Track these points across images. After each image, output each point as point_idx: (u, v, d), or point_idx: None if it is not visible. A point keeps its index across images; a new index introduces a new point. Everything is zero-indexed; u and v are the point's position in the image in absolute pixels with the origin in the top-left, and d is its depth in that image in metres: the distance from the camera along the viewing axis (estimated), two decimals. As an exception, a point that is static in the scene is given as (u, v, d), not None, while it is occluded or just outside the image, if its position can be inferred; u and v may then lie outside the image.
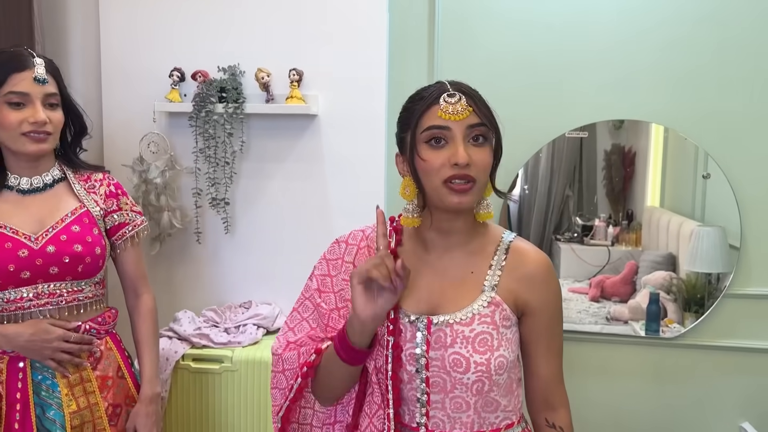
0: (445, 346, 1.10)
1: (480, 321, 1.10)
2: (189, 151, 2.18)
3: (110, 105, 2.27)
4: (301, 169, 2.20)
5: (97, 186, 1.60)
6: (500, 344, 1.10)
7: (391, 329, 1.12)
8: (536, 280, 1.14)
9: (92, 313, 1.55)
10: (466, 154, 1.05)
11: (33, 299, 1.45)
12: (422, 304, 1.14)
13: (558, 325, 1.17)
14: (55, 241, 1.47)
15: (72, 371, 1.48)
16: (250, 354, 2.01)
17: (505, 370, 1.11)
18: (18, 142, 1.45)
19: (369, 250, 1.20)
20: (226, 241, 2.24)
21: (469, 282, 1.14)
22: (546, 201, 2.21)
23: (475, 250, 1.15)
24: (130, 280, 1.65)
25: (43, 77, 1.44)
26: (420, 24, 2.16)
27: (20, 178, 1.51)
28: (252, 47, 2.16)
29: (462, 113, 1.06)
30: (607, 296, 2.18)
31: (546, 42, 2.09)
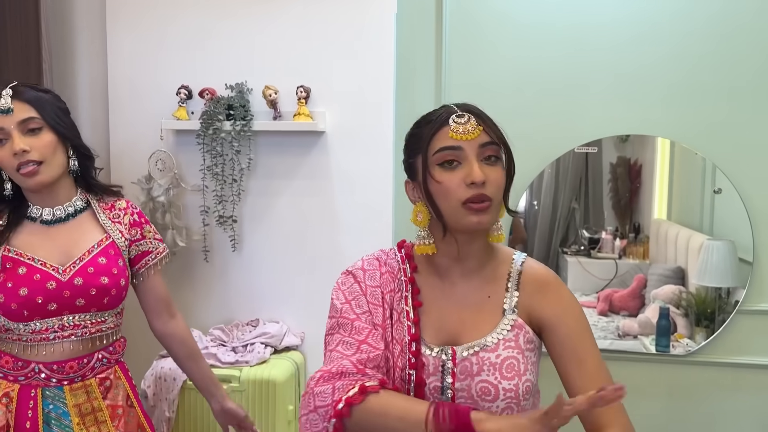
0: (472, 375, 1.06)
1: (505, 346, 1.07)
2: (196, 169, 2.17)
3: (117, 123, 2.27)
4: (309, 186, 2.20)
5: (121, 215, 1.57)
6: (526, 368, 1.07)
7: (413, 362, 1.08)
8: (545, 291, 1.11)
9: (107, 343, 1.52)
10: (484, 173, 1.04)
11: (58, 330, 1.44)
12: (442, 334, 1.10)
13: (585, 337, 1.09)
14: (83, 273, 1.46)
15: (83, 400, 1.47)
16: (258, 373, 1.99)
17: (530, 394, 1.08)
18: (17, 178, 1.44)
19: (390, 275, 1.15)
20: (233, 259, 2.23)
21: (487, 307, 1.11)
22: (551, 214, 2.20)
23: (489, 275, 1.13)
24: (162, 304, 1.62)
25: (5, 107, 1.40)
26: (427, 40, 2.16)
27: (42, 209, 1.48)
28: (259, 64, 2.16)
29: (473, 132, 1.05)
30: (616, 310, 2.17)
31: (553, 59, 2.09)
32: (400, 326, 1.11)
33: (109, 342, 1.53)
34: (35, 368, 1.43)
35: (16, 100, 1.41)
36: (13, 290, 1.40)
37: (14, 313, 1.41)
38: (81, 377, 1.47)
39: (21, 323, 1.42)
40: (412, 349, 1.08)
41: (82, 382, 1.47)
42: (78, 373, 1.46)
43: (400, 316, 1.12)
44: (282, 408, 1.99)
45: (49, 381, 1.44)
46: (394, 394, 1.01)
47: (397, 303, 1.13)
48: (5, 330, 1.44)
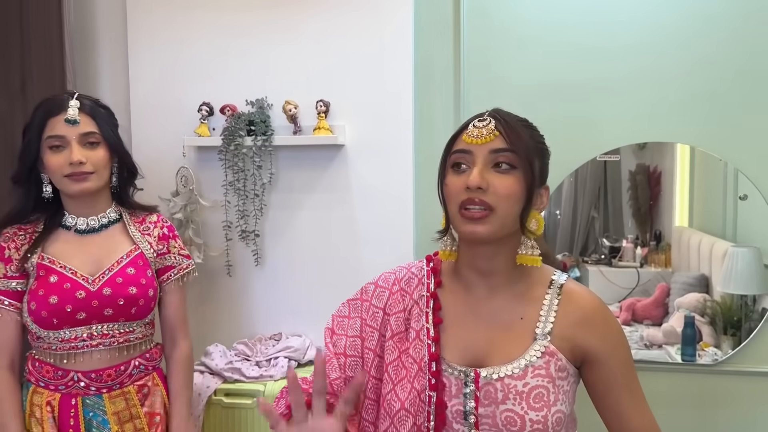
0: (497, 402, 1.00)
1: (534, 374, 1.00)
2: (219, 185, 2.19)
3: (140, 140, 2.29)
4: (329, 199, 2.21)
5: (151, 228, 1.62)
6: (557, 398, 1.00)
7: (433, 383, 1.02)
8: (592, 324, 1.04)
9: (141, 350, 1.57)
10: (483, 178, 0.98)
11: (86, 339, 1.48)
12: (468, 354, 1.04)
13: (632, 370, 1.06)
14: (111, 283, 1.49)
15: (122, 407, 1.50)
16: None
17: (562, 426, 1.01)
18: (62, 183, 1.49)
19: (401, 295, 1.10)
20: (256, 273, 2.24)
21: (519, 329, 1.04)
22: (571, 223, 2.19)
23: (523, 293, 1.06)
24: (170, 326, 1.65)
25: (73, 118, 1.47)
26: (445, 52, 2.17)
27: (77, 219, 1.53)
28: (279, 80, 2.18)
29: (486, 137, 1.00)
30: (639, 320, 2.15)
31: (572, 68, 2.09)
32: (419, 344, 1.05)
33: (143, 350, 1.56)
34: (74, 377, 1.47)
35: (81, 112, 1.49)
36: (44, 298, 1.45)
37: (45, 321, 1.45)
38: (119, 384, 1.51)
39: (51, 331, 1.46)
40: (432, 370, 1.03)
41: (121, 390, 1.51)
42: (116, 381, 1.50)
43: (419, 334, 1.06)
44: (307, 422, 1.99)
45: (88, 389, 1.48)
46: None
47: (415, 320, 1.08)
48: (37, 338, 1.49)
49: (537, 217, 1.04)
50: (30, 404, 1.49)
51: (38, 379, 1.50)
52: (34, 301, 1.45)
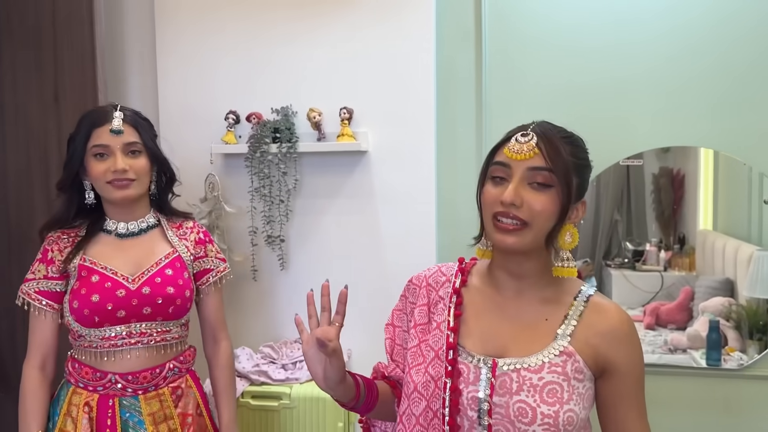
0: (511, 392, 1.04)
1: (550, 370, 1.04)
2: (245, 191, 2.24)
3: (169, 148, 2.33)
4: (353, 204, 2.24)
5: (188, 233, 1.68)
6: (570, 398, 1.03)
7: (449, 371, 1.07)
8: (620, 337, 1.07)
9: (176, 352, 1.61)
10: (519, 195, 1.02)
11: (126, 337, 1.53)
12: (489, 345, 1.09)
13: (642, 387, 1.10)
14: (150, 282, 1.55)
15: (156, 408, 1.55)
16: (308, 391, 2.03)
17: (574, 427, 1.03)
18: (105, 190, 1.55)
19: (427, 290, 1.19)
20: (281, 278, 2.29)
21: (542, 328, 1.08)
22: (593, 227, 2.19)
23: (550, 298, 1.11)
24: (210, 326, 1.72)
25: (118, 128, 1.54)
26: (467, 58, 2.20)
27: (117, 223, 1.60)
28: (303, 88, 2.23)
29: (526, 153, 1.04)
30: (663, 324, 2.14)
31: (594, 72, 2.10)
32: (439, 334, 1.12)
33: (177, 352, 1.61)
34: (112, 378, 1.52)
35: (125, 123, 1.56)
36: (86, 297, 1.50)
37: (87, 319, 1.50)
38: (154, 386, 1.56)
39: (92, 329, 1.51)
40: (448, 358, 1.08)
41: (156, 392, 1.56)
42: (151, 383, 1.55)
43: (439, 325, 1.13)
44: (332, 425, 2.02)
45: (125, 391, 1.53)
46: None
47: (439, 314, 1.14)
48: (78, 336, 1.54)
49: (572, 230, 1.07)
50: (68, 404, 1.54)
51: (78, 380, 1.55)
52: (77, 299, 1.51)
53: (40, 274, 1.55)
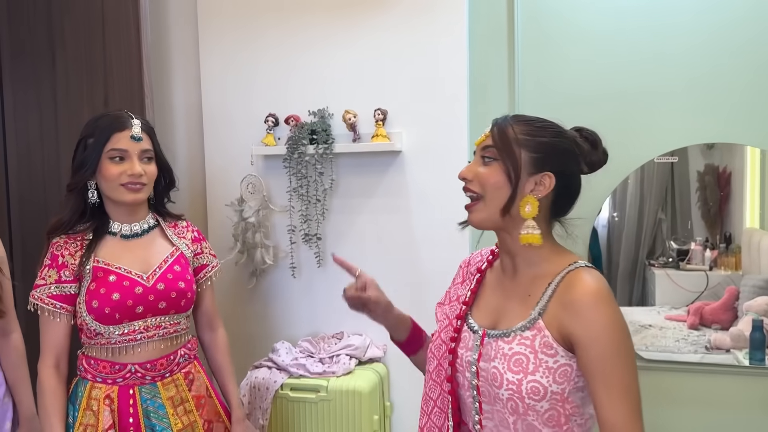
0: (490, 359, 1.15)
1: (519, 342, 1.12)
2: (283, 191, 2.31)
3: (211, 150, 2.45)
4: (387, 203, 2.28)
5: (184, 232, 1.77)
6: (536, 370, 1.09)
7: (453, 337, 1.23)
8: (579, 308, 1.07)
9: (184, 341, 1.71)
10: (471, 170, 1.18)
11: (143, 331, 1.61)
12: (487, 318, 1.21)
13: (617, 363, 1.06)
14: (164, 279, 1.64)
15: (174, 393, 1.64)
16: (345, 384, 2.08)
17: (542, 397, 1.08)
18: (117, 191, 1.61)
19: (465, 270, 1.35)
20: (318, 275, 2.34)
21: (525, 304, 1.16)
22: (637, 226, 2.16)
23: (540, 275, 1.16)
24: (208, 316, 1.81)
25: (138, 135, 1.62)
26: (500, 57, 2.20)
27: (121, 225, 1.67)
28: (339, 90, 2.28)
29: (482, 138, 1.20)
30: (707, 323, 2.09)
31: (630, 67, 2.08)
32: (456, 306, 1.27)
33: (185, 341, 1.71)
34: (131, 369, 1.60)
35: (142, 131, 1.64)
36: (106, 296, 1.57)
37: (107, 317, 1.57)
38: (170, 372, 1.65)
39: (111, 326, 1.58)
40: (455, 325, 1.24)
41: (171, 377, 1.65)
42: (167, 369, 1.64)
43: (459, 298, 1.28)
44: (368, 418, 2.06)
45: (144, 379, 1.61)
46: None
47: (463, 289, 1.30)
48: (95, 335, 1.60)
49: (531, 201, 1.14)
50: (87, 398, 1.60)
51: (95, 375, 1.61)
52: (96, 299, 1.57)
53: (51, 279, 1.60)
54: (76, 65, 2.33)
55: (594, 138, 1.23)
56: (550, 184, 1.15)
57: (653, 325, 2.12)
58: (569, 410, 1.10)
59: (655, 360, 2.10)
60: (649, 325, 2.12)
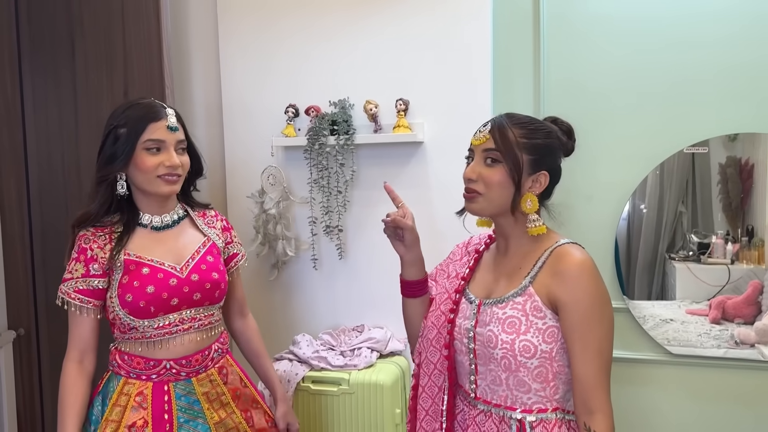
0: (485, 324, 1.31)
1: (512, 306, 1.29)
2: (304, 182, 2.30)
3: (231, 141, 2.43)
4: (409, 195, 2.23)
5: (214, 221, 1.75)
6: (528, 330, 1.26)
7: (452, 308, 1.40)
8: (566, 276, 1.25)
9: (217, 334, 1.69)
10: (475, 171, 1.31)
11: (178, 324, 1.59)
12: (482, 290, 1.38)
13: (595, 327, 1.24)
14: (197, 270, 1.61)
15: (208, 388, 1.63)
16: (366, 377, 2.07)
17: (533, 355, 1.26)
18: (153, 183, 1.58)
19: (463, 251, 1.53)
20: (340, 267, 2.34)
21: (516, 276, 1.33)
22: (657, 218, 2.14)
23: (528, 252, 1.34)
24: (239, 304, 1.81)
25: (174, 125, 1.58)
26: (525, 47, 2.17)
27: (152, 217, 1.63)
28: (360, 81, 2.26)
29: (482, 139, 1.32)
30: (729, 318, 2.07)
31: (656, 57, 2.05)
32: (455, 281, 1.45)
33: (218, 334, 1.69)
34: (166, 365, 1.58)
35: (177, 121, 1.61)
36: (140, 289, 1.54)
37: (142, 310, 1.54)
38: (204, 368, 1.63)
39: (146, 320, 1.55)
40: (454, 299, 1.41)
41: (206, 373, 1.63)
42: (201, 365, 1.62)
43: (458, 275, 1.46)
44: (390, 411, 2.06)
45: (179, 375, 1.59)
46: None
47: (461, 267, 1.48)
48: (129, 329, 1.56)
49: (531, 197, 1.30)
50: (119, 394, 1.57)
51: (129, 371, 1.58)
52: (130, 293, 1.54)
53: (78, 273, 1.56)
54: (96, 56, 2.32)
55: (569, 128, 1.40)
56: (545, 182, 1.32)
57: (674, 319, 2.10)
58: (556, 368, 1.27)
59: (678, 354, 2.09)
60: (671, 319, 2.11)
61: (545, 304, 1.27)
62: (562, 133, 1.37)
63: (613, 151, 2.12)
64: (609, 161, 2.13)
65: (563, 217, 1.48)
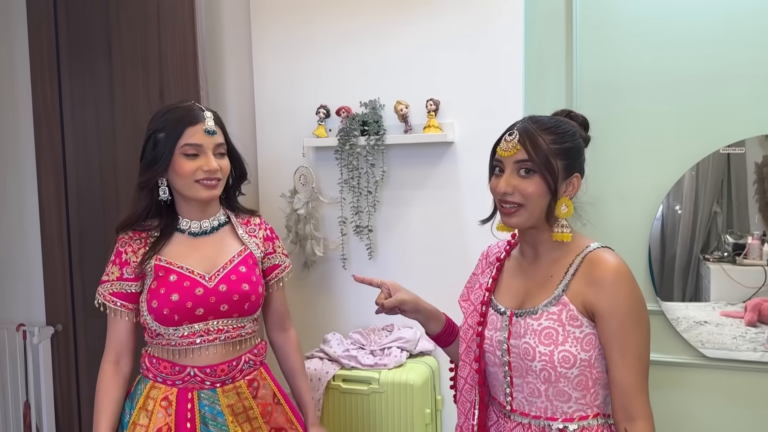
0: (520, 336, 1.28)
1: (547, 317, 1.25)
2: (335, 182, 2.31)
3: (263, 142, 2.46)
4: (438, 195, 2.27)
5: (256, 230, 1.70)
6: (566, 340, 1.23)
7: (480, 321, 1.36)
8: (603, 284, 1.23)
9: (250, 345, 1.63)
10: (509, 184, 1.26)
11: (203, 335, 1.54)
12: (513, 300, 1.34)
13: (633, 333, 1.22)
14: (226, 280, 1.56)
15: (234, 400, 1.57)
16: (396, 376, 2.08)
17: (572, 365, 1.23)
18: (192, 189, 1.55)
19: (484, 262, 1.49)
20: (369, 266, 2.35)
21: (548, 284, 1.29)
22: (692, 218, 2.11)
23: (558, 259, 1.31)
24: (279, 317, 1.75)
25: (212, 129, 1.55)
26: (557, 46, 2.16)
27: (190, 222, 1.60)
28: (390, 81, 2.27)
29: (511, 150, 1.27)
30: (766, 321, 2.04)
31: (691, 57, 2.02)
32: (480, 292, 1.40)
33: (251, 346, 1.63)
34: (191, 372, 1.54)
35: (215, 124, 1.58)
36: (166, 296, 1.52)
37: (166, 318, 1.51)
38: (231, 379, 1.57)
39: (171, 328, 1.52)
40: (480, 311, 1.37)
41: (233, 384, 1.57)
42: (228, 376, 1.56)
43: (482, 286, 1.41)
44: (420, 411, 2.06)
45: (203, 384, 1.55)
46: None
47: (484, 277, 1.43)
48: (156, 335, 1.55)
49: (567, 202, 1.28)
50: (145, 397, 1.55)
51: (156, 375, 1.56)
52: (156, 299, 1.52)
53: (114, 276, 1.56)
54: (132, 58, 2.35)
55: (585, 120, 1.38)
56: (578, 184, 1.31)
57: (708, 321, 2.07)
58: (595, 375, 1.25)
59: (712, 357, 2.05)
60: (705, 321, 2.08)
61: (581, 312, 1.24)
62: (581, 128, 1.35)
63: (646, 152, 2.10)
64: (642, 162, 2.10)
65: (594, 218, 1.47)
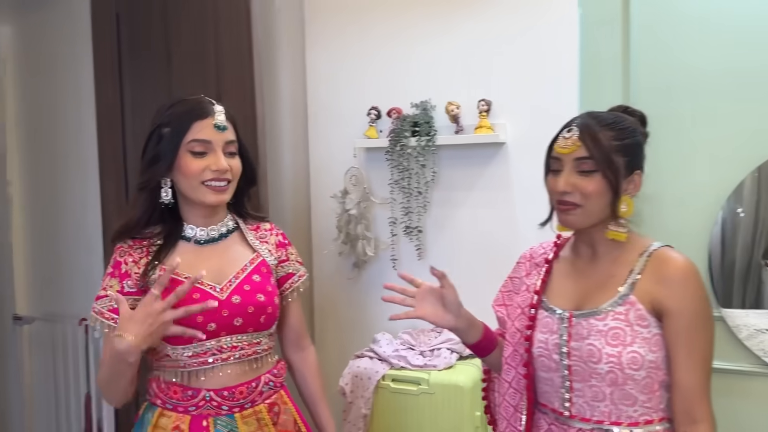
0: (583, 337, 1.24)
1: (614, 317, 1.22)
2: (385, 183, 2.33)
3: (316, 142, 2.50)
4: (490, 196, 2.25)
5: (267, 235, 1.55)
6: (634, 341, 1.20)
7: (528, 325, 1.33)
8: (673, 282, 1.20)
9: (268, 365, 1.48)
10: (569, 183, 1.22)
11: (216, 353, 1.39)
12: (569, 301, 1.30)
13: (701, 333, 1.20)
14: (240, 291, 1.41)
15: (254, 428, 1.42)
16: (446, 378, 2.07)
17: (640, 366, 1.19)
18: (198, 191, 1.39)
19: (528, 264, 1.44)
20: (418, 267, 2.35)
21: (610, 284, 1.26)
22: (754, 222, 2.03)
23: (619, 258, 1.27)
24: (295, 333, 1.60)
25: (223, 124, 1.38)
26: (613, 44, 2.11)
27: (196, 229, 1.44)
28: (442, 81, 2.27)
29: (570, 147, 1.23)
30: (831, 330, 1.95)
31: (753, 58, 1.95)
32: (527, 295, 1.36)
33: (270, 365, 1.49)
34: (206, 396, 1.38)
35: (227, 119, 1.41)
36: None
37: (174, 336, 1.32)
38: (251, 403, 1.42)
39: (179, 346, 1.37)
40: (528, 314, 1.33)
41: (252, 409, 1.42)
42: (248, 399, 1.41)
43: (528, 288, 1.38)
44: (470, 414, 2.05)
45: (220, 409, 1.38)
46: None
47: (531, 279, 1.39)
48: (163, 356, 1.40)
49: (627, 200, 1.25)
50: (153, 427, 1.39)
51: (165, 401, 1.39)
52: None
53: (113, 289, 1.37)
54: (191, 62, 2.40)
55: (643, 116, 1.35)
56: (640, 181, 1.27)
57: (771, 329, 2.00)
58: (661, 377, 1.22)
59: (775, 367, 1.98)
60: (766, 329, 2.00)
61: (649, 311, 1.21)
62: (639, 123, 1.32)
63: (706, 154, 2.03)
64: (702, 164, 2.04)
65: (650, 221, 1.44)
